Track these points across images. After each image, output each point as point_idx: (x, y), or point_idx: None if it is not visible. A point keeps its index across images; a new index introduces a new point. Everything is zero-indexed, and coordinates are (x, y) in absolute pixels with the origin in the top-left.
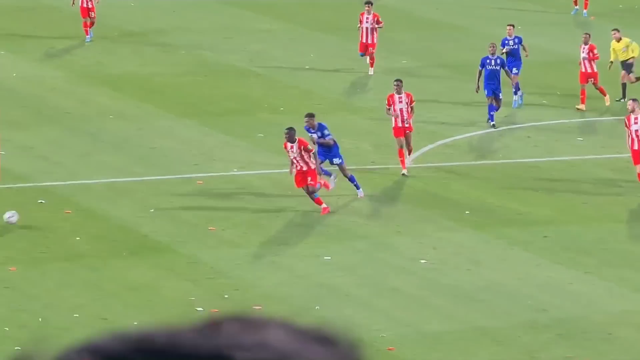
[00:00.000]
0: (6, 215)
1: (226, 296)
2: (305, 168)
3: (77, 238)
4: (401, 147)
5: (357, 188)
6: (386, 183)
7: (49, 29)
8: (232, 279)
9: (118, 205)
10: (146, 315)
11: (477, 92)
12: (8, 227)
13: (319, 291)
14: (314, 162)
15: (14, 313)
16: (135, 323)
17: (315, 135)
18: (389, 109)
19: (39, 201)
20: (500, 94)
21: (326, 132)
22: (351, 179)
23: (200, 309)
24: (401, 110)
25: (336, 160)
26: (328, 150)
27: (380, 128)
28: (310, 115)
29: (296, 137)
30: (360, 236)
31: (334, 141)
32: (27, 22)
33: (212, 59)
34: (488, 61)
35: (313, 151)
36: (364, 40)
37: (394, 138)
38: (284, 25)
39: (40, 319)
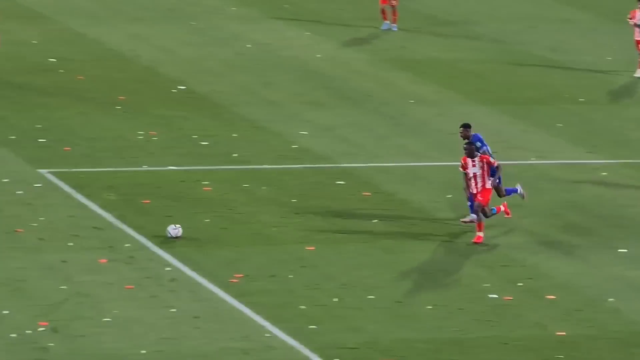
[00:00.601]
0: (172, 230)
1: (520, 284)
2: (479, 188)
3: (375, 220)
4: None
5: (514, 192)
6: None
7: (354, 11)
8: (526, 267)
9: (416, 189)
10: (440, 300)
11: None
12: (308, 207)
13: (614, 283)
14: (494, 178)
15: (311, 292)
16: (429, 307)
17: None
18: None
19: (338, 182)
20: None
21: (478, 144)
22: (507, 192)
23: (494, 296)
24: None
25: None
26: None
27: None
28: (466, 126)
29: (477, 152)
30: None
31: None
32: (333, 4)
33: (515, 47)
34: None
35: (496, 164)
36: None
37: None
38: (587, 15)
39: (336, 299)
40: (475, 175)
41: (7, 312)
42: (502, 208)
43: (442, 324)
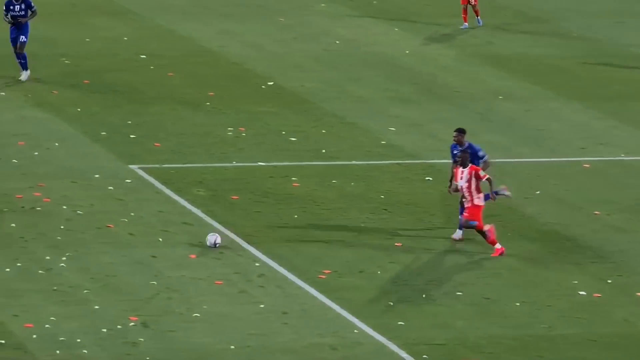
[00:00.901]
0: (211, 240)
1: (609, 281)
2: (468, 203)
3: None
4: None
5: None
6: None
7: (441, 7)
8: (616, 264)
9: (504, 185)
10: (528, 296)
11: None
12: (396, 202)
13: None
14: (490, 188)
15: (399, 287)
16: (517, 304)
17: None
18: None
19: (426, 178)
20: None
21: (481, 153)
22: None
23: (583, 293)
24: None
25: None
26: None
27: None
28: (460, 131)
29: (469, 162)
30: None
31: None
32: (420, 0)
33: (604, 42)
34: None
35: (487, 177)
36: None
37: None
38: None
39: (424, 295)
40: (462, 188)
41: (97, 307)
42: (499, 246)
43: (530, 321)
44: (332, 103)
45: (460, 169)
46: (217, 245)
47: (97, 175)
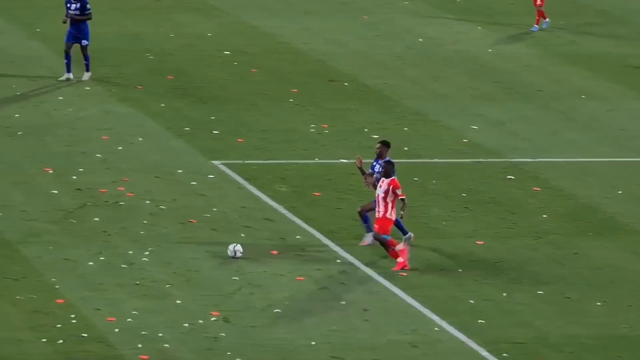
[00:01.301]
0: (233, 250)
1: None
2: (380, 214)
3: (544, 215)
4: None
5: (369, 231)
6: None
7: (524, 6)
8: None
9: (585, 185)
10: (609, 296)
11: None
12: (477, 201)
13: None
14: (402, 211)
15: (480, 286)
16: (598, 304)
17: (377, 166)
18: None
19: (508, 177)
20: None
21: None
22: (365, 219)
23: None
24: None
25: None
26: None
27: None
28: (384, 143)
29: (393, 174)
30: None
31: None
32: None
33: None
34: None
35: (403, 197)
36: None
37: None
38: None
39: (504, 294)
40: (378, 197)
41: (179, 302)
42: (401, 259)
43: (611, 321)
44: (415, 101)
45: (383, 179)
46: (239, 254)
47: (180, 171)
